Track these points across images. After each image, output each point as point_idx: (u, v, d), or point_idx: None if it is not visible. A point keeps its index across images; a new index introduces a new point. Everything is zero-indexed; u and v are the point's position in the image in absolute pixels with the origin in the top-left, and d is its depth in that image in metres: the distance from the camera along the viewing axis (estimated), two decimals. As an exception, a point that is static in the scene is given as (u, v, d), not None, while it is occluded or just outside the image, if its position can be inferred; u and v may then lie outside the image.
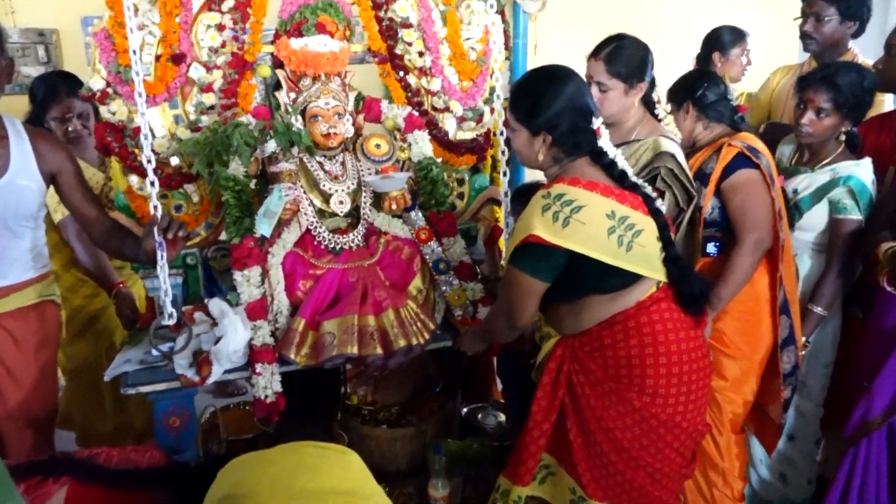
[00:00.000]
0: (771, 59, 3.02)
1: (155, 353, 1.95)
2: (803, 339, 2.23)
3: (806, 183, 2.27)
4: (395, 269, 2.12)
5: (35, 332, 1.99)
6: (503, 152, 2.29)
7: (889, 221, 2.11)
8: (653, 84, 2.15)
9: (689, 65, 3.80)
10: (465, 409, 2.64)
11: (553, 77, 1.70)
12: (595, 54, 2.10)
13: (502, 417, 2.63)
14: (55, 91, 2.53)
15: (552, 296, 1.70)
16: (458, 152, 2.42)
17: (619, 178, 1.67)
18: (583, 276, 1.64)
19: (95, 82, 2.03)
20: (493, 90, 2.35)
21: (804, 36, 2.71)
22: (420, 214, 2.25)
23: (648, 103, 2.18)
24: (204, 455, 2.01)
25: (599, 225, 1.60)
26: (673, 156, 1.96)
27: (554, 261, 1.62)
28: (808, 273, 2.32)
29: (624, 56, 2.05)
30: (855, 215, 2.20)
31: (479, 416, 2.64)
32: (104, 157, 2.25)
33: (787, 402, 2.22)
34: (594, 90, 2.08)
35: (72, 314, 2.50)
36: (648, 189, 1.71)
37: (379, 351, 1.91)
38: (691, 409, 1.70)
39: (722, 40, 3.21)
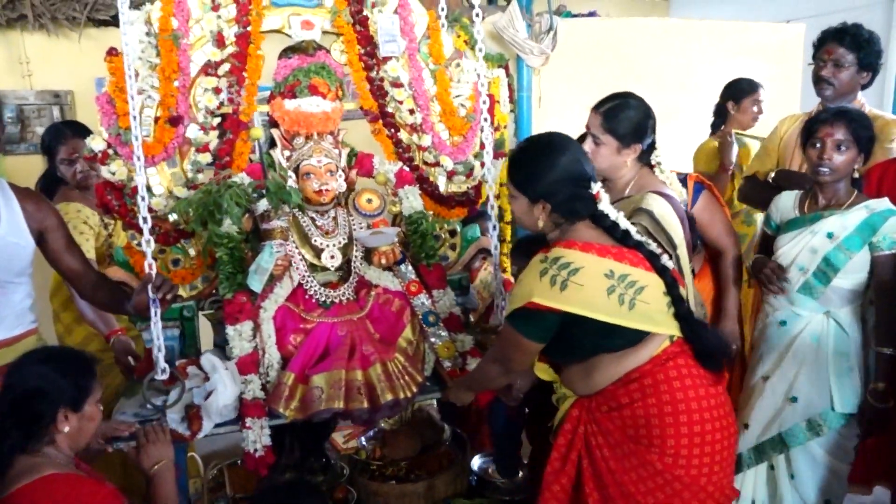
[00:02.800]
0: (773, 107, 3.06)
1: (149, 406, 2.00)
2: (882, 384, 2.16)
3: (839, 224, 2.21)
4: (384, 321, 2.16)
5: None
6: (492, 207, 2.34)
7: None
8: (652, 146, 2.17)
9: (689, 117, 3.87)
10: (476, 463, 2.62)
11: (549, 147, 1.73)
12: (596, 107, 2.14)
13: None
14: (61, 134, 2.66)
15: (563, 357, 1.72)
16: (449, 205, 2.48)
17: (623, 238, 1.69)
18: (585, 336, 1.65)
19: (97, 144, 2.12)
20: (488, 144, 2.42)
21: (821, 80, 2.66)
22: (410, 267, 2.30)
23: (648, 164, 2.20)
24: None
25: (598, 285, 1.60)
26: (650, 213, 1.99)
27: (547, 323, 1.63)
28: (850, 328, 2.24)
29: (623, 116, 2.08)
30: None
31: (490, 470, 2.61)
32: (105, 215, 2.33)
33: None
34: (588, 141, 2.13)
35: None
36: (653, 246, 1.72)
37: (365, 405, 1.94)
38: (717, 470, 1.65)
39: (735, 90, 3.45)
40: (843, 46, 2.61)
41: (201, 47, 2.19)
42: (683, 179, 2.36)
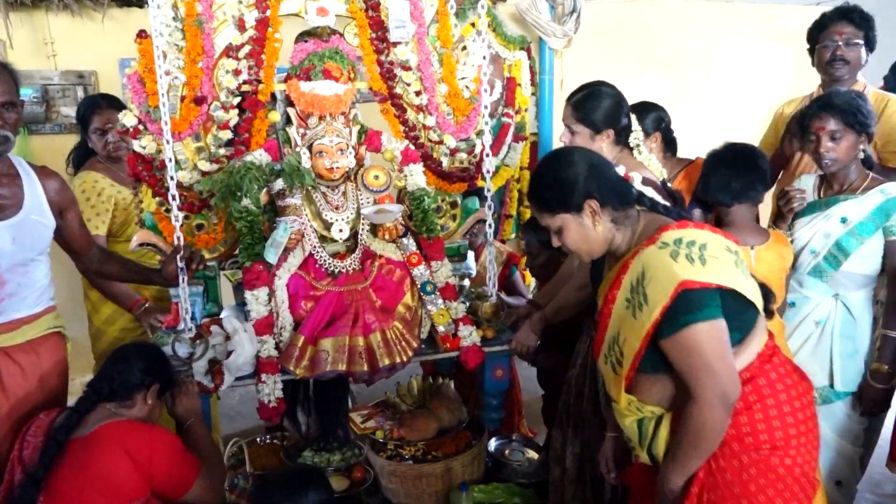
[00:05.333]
0: (793, 90, 3.08)
1: (177, 358, 2.28)
2: (886, 366, 2.22)
3: (852, 209, 2.24)
4: (386, 290, 2.40)
5: (42, 363, 2.10)
6: (487, 181, 2.53)
7: None
8: (627, 130, 2.29)
9: (712, 100, 3.85)
10: (492, 445, 2.66)
11: (558, 155, 1.71)
12: (568, 98, 2.28)
13: (530, 453, 2.69)
14: (96, 104, 2.82)
15: (661, 366, 1.52)
16: (451, 180, 2.67)
17: (677, 214, 1.64)
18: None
19: (128, 119, 2.31)
20: (516, 126, 2.56)
21: (836, 59, 2.67)
22: (412, 240, 2.52)
23: (627, 147, 2.32)
24: (229, 489, 2.28)
25: (727, 258, 1.49)
26: None
27: (716, 300, 1.46)
28: (860, 311, 2.29)
29: (592, 105, 2.22)
30: None
31: (507, 451, 2.68)
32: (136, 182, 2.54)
33: None
34: (564, 132, 2.29)
35: (109, 346, 2.73)
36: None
37: (365, 368, 2.21)
38: (816, 457, 1.59)
39: None
40: (853, 24, 2.64)
41: (223, 31, 2.34)
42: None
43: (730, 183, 2.21)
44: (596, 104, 2.22)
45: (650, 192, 1.69)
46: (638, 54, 3.73)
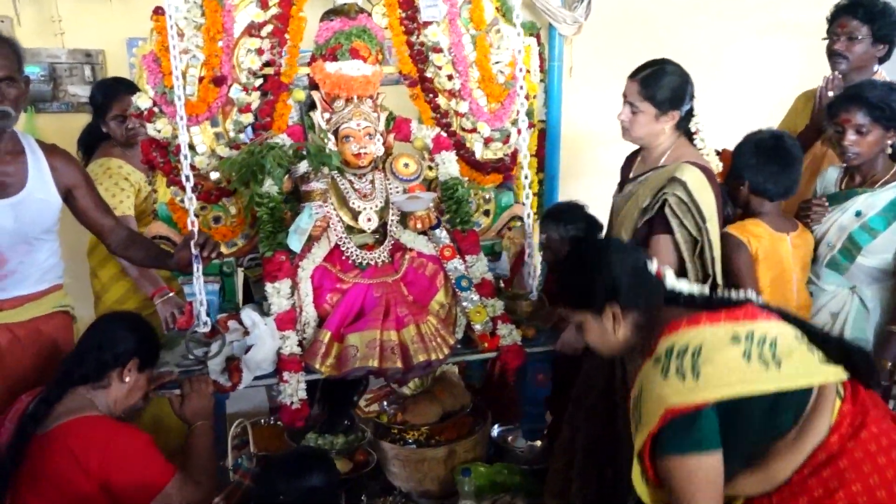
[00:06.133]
0: (802, 82, 3.00)
1: (191, 357, 2.08)
2: (889, 363, 2.19)
3: (868, 203, 2.23)
4: (418, 285, 2.21)
5: (47, 342, 2.05)
6: (525, 176, 2.36)
7: None
8: (690, 113, 2.17)
9: (719, 92, 3.78)
10: (495, 431, 2.63)
11: (591, 249, 1.67)
12: (633, 75, 2.13)
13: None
14: (115, 91, 2.71)
15: (730, 464, 1.39)
16: (485, 171, 2.50)
17: (708, 302, 1.52)
18: (749, 426, 1.38)
19: (143, 101, 2.17)
20: (523, 111, 2.43)
21: (834, 54, 2.67)
22: (445, 232, 2.34)
23: (687, 132, 2.20)
24: (233, 469, 2.12)
25: (731, 356, 1.37)
26: (683, 184, 1.99)
27: (706, 423, 1.35)
28: (874, 305, 2.26)
29: (660, 82, 2.08)
30: None
31: (510, 438, 2.64)
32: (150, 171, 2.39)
33: None
34: (626, 109, 2.13)
35: None
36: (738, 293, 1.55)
37: (399, 365, 2.00)
38: None
39: None
40: (857, 19, 2.59)
41: (245, 8, 2.21)
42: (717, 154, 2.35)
43: (780, 179, 2.21)
44: (665, 82, 2.07)
45: (684, 285, 1.58)
46: (647, 43, 3.64)
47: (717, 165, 2.25)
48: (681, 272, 2.05)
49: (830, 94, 2.61)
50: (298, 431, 2.45)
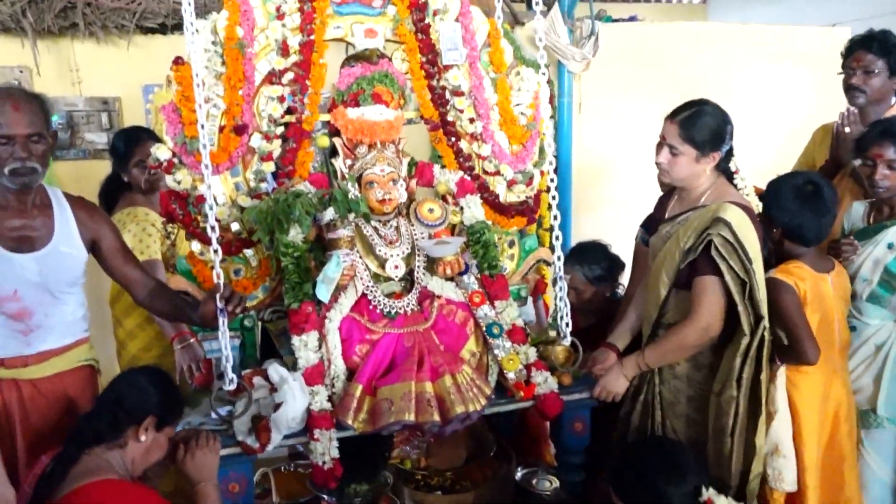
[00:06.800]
0: (817, 113, 3.01)
1: (214, 416, 1.97)
2: None
3: None
4: (448, 333, 2.13)
5: (71, 398, 2.03)
6: (555, 217, 2.30)
7: None
8: (730, 153, 2.15)
9: (734, 120, 3.82)
10: (518, 474, 2.56)
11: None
12: (672, 116, 2.11)
13: (556, 482, 2.52)
14: (138, 138, 2.70)
15: None
16: (509, 215, 2.45)
17: None
18: None
19: (162, 153, 2.11)
20: (542, 152, 2.40)
21: (852, 88, 2.68)
22: (473, 278, 2.26)
23: (726, 172, 2.17)
24: None
25: None
26: (728, 224, 1.95)
27: None
28: None
29: (700, 124, 2.06)
30: None
31: (534, 481, 2.54)
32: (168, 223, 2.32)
33: None
34: (665, 151, 2.10)
35: (129, 363, 2.57)
36: None
37: (436, 418, 1.91)
38: None
39: None
40: (872, 53, 2.62)
41: (266, 56, 2.18)
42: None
43: (817, 226, 2.19)
44: (704, 123, 2.05)
45: None
46: (656, 77, 3.69)
47: (757, 205, 2.22)
48: (729, 314, 2.00)
49: (847, 129, 2.61)
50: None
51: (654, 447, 1.94)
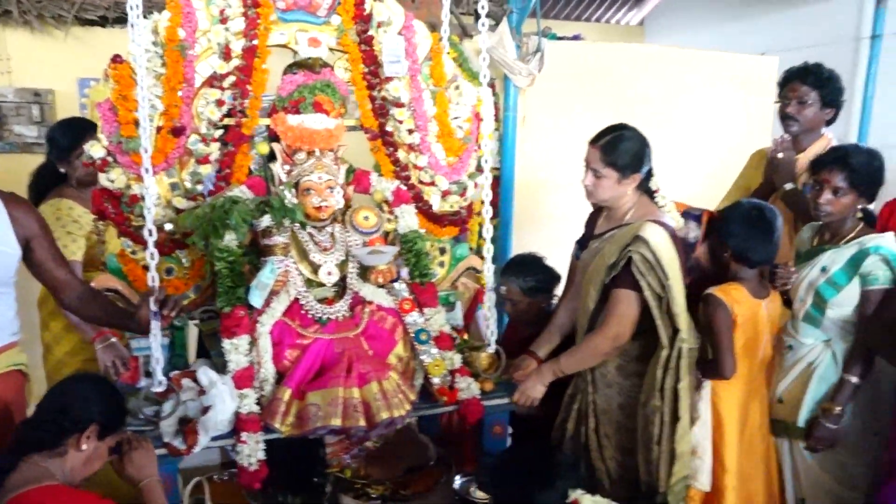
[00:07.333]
0: (746, 138, 3.16)
1: (141, 417, 2.00)
2: (837, 408, 2.26)
3: (832, 259, 2.31)
4: (378, 339, 2.20)
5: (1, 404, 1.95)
6: (488, 230, 2.39)
7: None
8: (650, 174, 2.26)
9: (667, 144, 3.93)
10: (457, 483, 2.52)
11: None
12: (594, 141, 2.20)
13: None
14: (84, 130, 2.54)
15: None
16: (442, 224, 2.53)
17: None
18: None
19: (96, 151, 2.10)
20: (478, 165, 2.49)
21: (786, 117, 2.79)
22: (404, 285, 2.34)
23: (648, 191, 2.28)
24: None
25: None
26: (647, 242, 2.07)
27: None
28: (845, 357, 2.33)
29: (620, 148, 2.15)
30: (888, 285, 2.22)
31: (472, 489, 2.52)
32: (99, 220, 2.30)
33: None
34: (589, 175, 2.20)
35: (54, 368, 2.52)
36: None
37: (362, 423, 1.98)
38: None
39: None
40: (806, 84, 2.74)
41: (207, 59, 2.19)
42: (699, 216, 2.46)
43: (762, 248, 2.31)
44: (624, 148, 2.15)
45: None
46: (597, 95, 3.79)
47: (678, 222, 2.35)
48: (650, 327, 2.12)
49: (780, 155, 2.73)
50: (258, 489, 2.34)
51: (526, 452, 1.97)
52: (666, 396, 2.12)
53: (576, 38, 4.34)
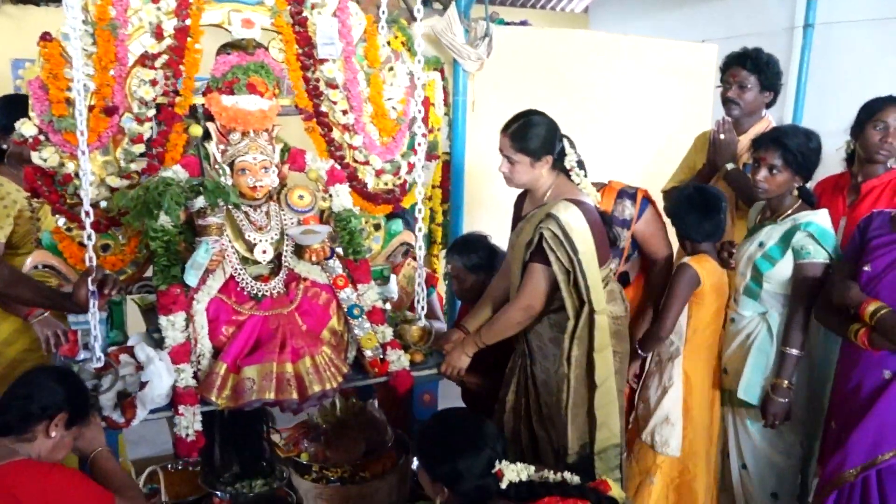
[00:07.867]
0: (686, 123, 3.29)
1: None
2: (784, 382, 2.39)
3: (769, 234, 2.44)
4: (312, 314, 2.30)
5: None
6: (419, 210, 2.50)
7: (850, 273, 2.23)
8: (562, 153, 2.36)
9: (610, 128, 4.06)
10: (415, 464, 2.54)
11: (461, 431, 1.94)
12: (504, 129, 2.30)
13: None
14: (23, 109, 2.50)
15: None
16: (376, 202, 2.62)
17: (540, 488, 1.80)
18: None
19: (28, 129, 2.10)
20: (411, 144, 2.58)
21: (728, 101, 2.92)
22: (338, 262, 2.44)
23: (564, 170, 2.38)
24: None
25: None
26: (557, 219, 2.19)
27: None
28: (779, 329, 2.45)
29: (529, 133, 2.26)
30: (818, 259, 2.34)
31: None
32: (33, 198, 2.31)
33: None
34: (504, 162, 2.31)
35: (5, 370, 2.51)
36: (574, 478, 1.87)
37: (294, 396, 2.10)
38: None
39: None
40: (746, 69, 2.87)
41: (139, 38, 2.20)
42: (633, 194, 2.61)
43: (702, 224, 2.48)
44: (532, 133, 2.25)
45: (525, 472, 1.86)
46: (544, 80, 3.88)
47: (595, 197, 2.48)
48: (559, 298, 2.27)
49: (721, 136, 2.86)
50: (212, 477, 2.43)
51: (455, 421, 2.03)
52: (573, 365, 2.26)
53: (523, 23, 4.41)
